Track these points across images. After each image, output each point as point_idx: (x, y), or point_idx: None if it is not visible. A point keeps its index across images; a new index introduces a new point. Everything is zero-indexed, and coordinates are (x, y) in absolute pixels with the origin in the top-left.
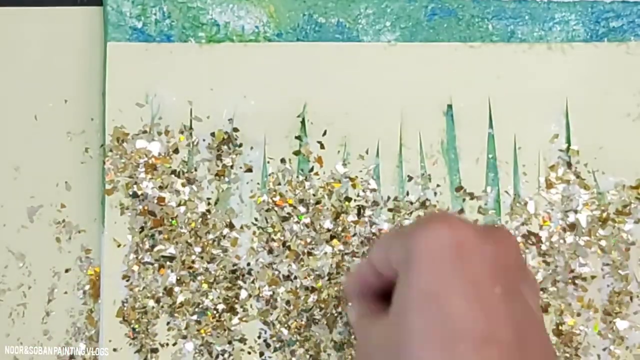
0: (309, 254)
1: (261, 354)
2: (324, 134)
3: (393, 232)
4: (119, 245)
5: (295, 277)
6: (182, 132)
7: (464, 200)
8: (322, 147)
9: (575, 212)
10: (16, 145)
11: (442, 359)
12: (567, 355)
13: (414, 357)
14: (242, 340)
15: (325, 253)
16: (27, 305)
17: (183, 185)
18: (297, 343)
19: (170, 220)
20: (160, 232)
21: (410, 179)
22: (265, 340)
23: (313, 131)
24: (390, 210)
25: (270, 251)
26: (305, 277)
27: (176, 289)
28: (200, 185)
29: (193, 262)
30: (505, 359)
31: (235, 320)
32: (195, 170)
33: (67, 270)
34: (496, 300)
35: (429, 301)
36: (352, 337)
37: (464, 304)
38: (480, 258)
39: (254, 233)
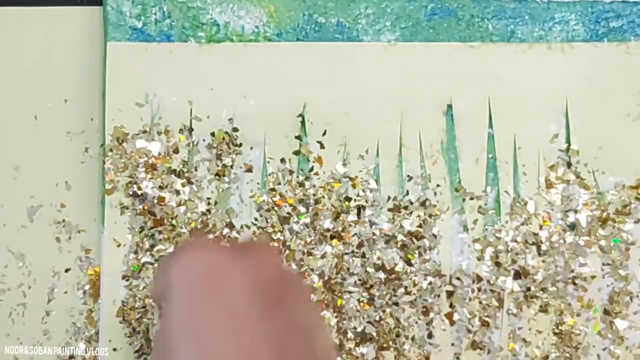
0: (309, 254)
1: None
2: (324, 134)
3: (160, 263)
4: (118, 245)
5: None
6: (182, 132)
7: (464, 200)
8: (322, 147)
9: (575, 212)
10: (16, 145)
11: None
12: (567, 355)
13: None
14: None
15: (325, 253)
16: (27, 305)
17: (183, 185)
18: None
19: (170, 220)
20: (160, 232)
21: (410, 178)
22: None
23: (313, 131)
24: (390, 210)
25: None
26: (305, 277)
27: None
28: (200, 185)
29: None
30: None
31: None
32: (195, 170)
33: (67, 270)
34: (254, 322)
35: (187, 336)
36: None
37: (222, 334)
38: (237, 279)
39: (254, 233)
